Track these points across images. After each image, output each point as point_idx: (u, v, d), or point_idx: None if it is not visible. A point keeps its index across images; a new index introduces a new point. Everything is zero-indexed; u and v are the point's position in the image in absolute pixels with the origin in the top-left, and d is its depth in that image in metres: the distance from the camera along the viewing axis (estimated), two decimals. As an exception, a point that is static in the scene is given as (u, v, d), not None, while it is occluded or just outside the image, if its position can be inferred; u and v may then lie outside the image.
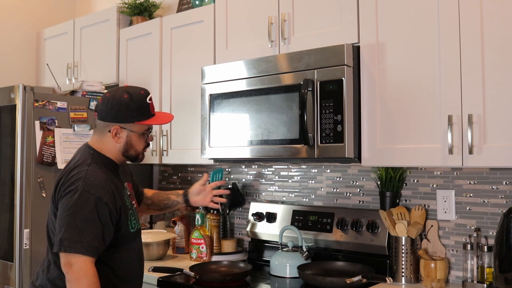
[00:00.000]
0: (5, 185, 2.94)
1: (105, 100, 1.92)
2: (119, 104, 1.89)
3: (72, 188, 1.76)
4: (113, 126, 1.89)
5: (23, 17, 3.98)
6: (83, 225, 1.72)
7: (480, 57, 1.87)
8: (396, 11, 2.10)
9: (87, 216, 1.73)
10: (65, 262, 1.72)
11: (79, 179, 1.77)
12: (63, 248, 1.71)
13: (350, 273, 2.23)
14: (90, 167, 1.82)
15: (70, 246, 1.70)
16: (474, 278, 2.14)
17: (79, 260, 1.70)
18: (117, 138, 1.90)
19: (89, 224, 1.73)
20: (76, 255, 1.70)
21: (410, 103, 2.05)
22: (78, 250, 1.70)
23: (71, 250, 1.70)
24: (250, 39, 2.59)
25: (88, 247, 1.71)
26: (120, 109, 1.89)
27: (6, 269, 2.86)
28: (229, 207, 2.92)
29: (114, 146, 1.92)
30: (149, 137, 2.00)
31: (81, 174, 1.79)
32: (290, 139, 2.26)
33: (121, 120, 1.89)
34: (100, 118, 1.92)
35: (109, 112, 1.89)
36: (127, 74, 3.25)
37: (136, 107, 1.90)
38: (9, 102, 2.89)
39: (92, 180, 1.78)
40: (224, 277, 2.35)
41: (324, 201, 2.71)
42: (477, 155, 1.86)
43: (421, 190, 2.38)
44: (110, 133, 1.90)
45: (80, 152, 1.93)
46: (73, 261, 1.70)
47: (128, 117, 1.90)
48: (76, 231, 1.71)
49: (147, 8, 3.34)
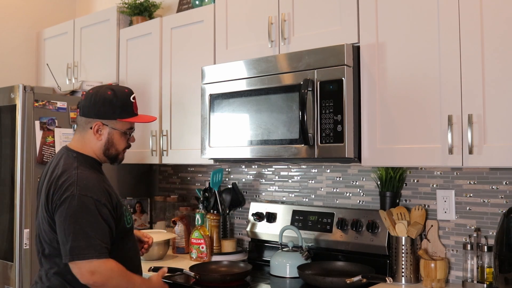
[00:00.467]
0: (5, 185, 2.94)
1: (88, 96, 1.89)
2: (102, 100, 1.87)
3: (67, 195, 1.73)
4: (95, 122, 1.87)
5: (23, 17, 3.98)
6: (90, 229, 1.71)
7: (480, 57, 1.87)
8: (396, 11, 2.10)
9: (90, 219, 1.72)
10: (84, 271, 1.70)
11: (72, 184, 1.74)
12: (76, 257, 1.69)
13: (350, 273, 2.23)
14: (78, 170, 1.79)
15: (84, 253, 1.69)
16: (474, 278, 2.14)
17: (98, 265, 1.70)
18: (98, 135, 1.88)
19: (95, 227, 1.72)
20: (93, 261, 1.69)
21: (410, 103, 2.05)
22: (93, 255, 1.69)
23: (85, 257, 1.69)
24: (250, 39, 2.59)
25: (100, 250, 1.71)
26: (104, 105, 1.86)
27: (6, 269, 2.86)
28: (229, 207, 2.92)
29: (96, 144, 1.90)
30: (130, 138, 1.98)
31: (72, 178, 1.76)
32: (290, 139, 2.26)
33: (103, 116, 1.87)
34: (82, 114, 1.90)
35: (92, 107, 1.87)
36: (127, 74, 3.25)
37: (120, 104, 1.88)
38: (9, 102, 2.89)
39: (85, 183, 1.76)
40: (224, 277, 2.35)
41: (324, 201, 2.71)
42: (477, 155, 1.86)
43: (421, 190, 2.38)
44: (92, 129, 1.88)
45: (62, 157, 1.88)
46: (93, 268, 1.70)
47: (111, 113, 1.88)
48: (84, 237, 1.70)
49: (147, 8, 3.34)
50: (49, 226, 1.80)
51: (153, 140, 3.03)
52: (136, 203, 3.35)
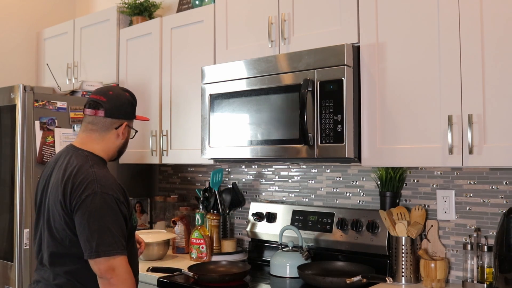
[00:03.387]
0: (5, 185, 2.94)
1: (113, 98, 1.95)
2: (126, 101, 1.97)
3: (89, 193, 1.75)
4: (123, 123, 1.95)
5: (23, 17, 3.98)
6: (113, 226, 1.74)
7: (480, 57, 1.87)
8: (396, 11, 2.10)
9: (113, 217, 1.76)
10: (106, 268, 1.72)
11: (92, 182, 1.76)
12: (103, 253, 1.71)
13: (350, 273, 2.23)
14: (95, 169, 1.82)
15: (110, 250, 1.72)
16: (474, 278, 2.14)
17: (120, 262, 1.73)
18: (122, 134, 1.96)
19: (117, 224, 1.76)
20: (117, 257, 1.72)
21: (410, 103, 2.05)
22: (118, 252, 1.73)
23: (110, 253, 1.71)
24: (250, 39, 2.59)
25: (122, 247, 1.75)
26: (128, 106, 1.98)
27: (6, 269, 2.86)
28: (229, 207, 2.92)
29: (114, 142, 1.96)
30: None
31: (91, 176, 1.78)
32: (290, 139, 2.26)
33: (129, 117, 1.99)
34: (110, 116, 1.93)
35: (119, 108, 1.94)
36: (127, 74, 3.25)
37: (135, 104, 2.02)
38: (9, 102, 2.89)
39: (105, 182, 1.79)
40: (223, 277, 2.35)
41: (324, 201, 2.71)
42: (477, 155, 1.86)
43: (421, 190, 2.38)
44: (117, 129, 1.94)
45: (72, 155, 1.89)
46: (115, 265, 1.72)
47: (133, 114, 2.00)
48: (109, 234, 1.73)
49: (147, 8, 3.34)
50: (65, 225, 1.80)
51: (153, 140, 3.03)
52: (136, 203, 3.36)
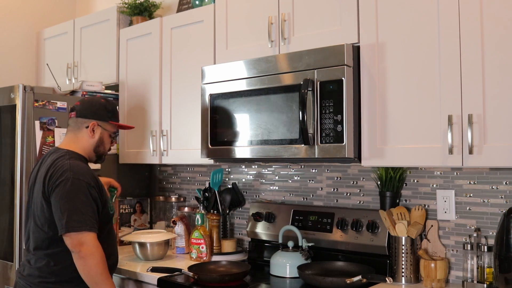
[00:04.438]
0: (5, 185, 2.94)
1: (85, 101, 2.30)
2: (98, 104, 2.28)
3: (62, 179, 2.02)
4: (91, 122, 2.23)
5: (23, 17, 3.98)
6: (82, 207, 2.00)
7: (480, 57, 1.87)
8: (396, 11, 2.10)
9: (83, 199, 2.01)
10: (75, 243, 1.98)
11: (66, 171, 2.04)
12: (72, 229, 1.97)
13: (350, 273, 2.23)
14: (70, 161, 2.09)
15: (78, 226, 1.97)
16: (474, 278, 2.14)
17: (88, 237, 1.98)
18: (92, 133, 2.23)
19: (87, 205, 2.02)
20: (85, 233, 1.98)
21: (410, 103, 2.05)
22: (86, 228, 1.98)
23: (79, 229, 1.97)
24: (250, 39, 2.59)
25: (91, 225, 2.01)
26: (99, 108, 2.27)
27: (6, 269, 2.86)
28: (229, 207, 2.92)
29: (88, 141, 2.24)
30: (114, 141, 2.35)
31: (66, 166, 2.05)
32: (290, 139, 2.26)
33: (98, 118, 2.25)
34: (80, 116, 2.24)
35: (89, 109, 2.25)
36: (127, 74, 3.25)
37: (111, 109, 2.30)
38: (9, 102, 2.89)
39: (77, 170, 2.06)
40: (223, 277, 2.35)
41: (324, 201, 2.71)
42: (477, 155, 1.86)
43: (421, 190, 2.38)
44: (87, 128, 2.23)
45: (53, 153, 2.17)
46: (83, 240, 1.98)
47: (105, 116, 2.27)
48: (78, 213, 1.98)
49: (147, 8, 3.34)
50: (41, 211, 2.07)
51: (153, 140, 3.03)
52: (136, 203, 3.35)
